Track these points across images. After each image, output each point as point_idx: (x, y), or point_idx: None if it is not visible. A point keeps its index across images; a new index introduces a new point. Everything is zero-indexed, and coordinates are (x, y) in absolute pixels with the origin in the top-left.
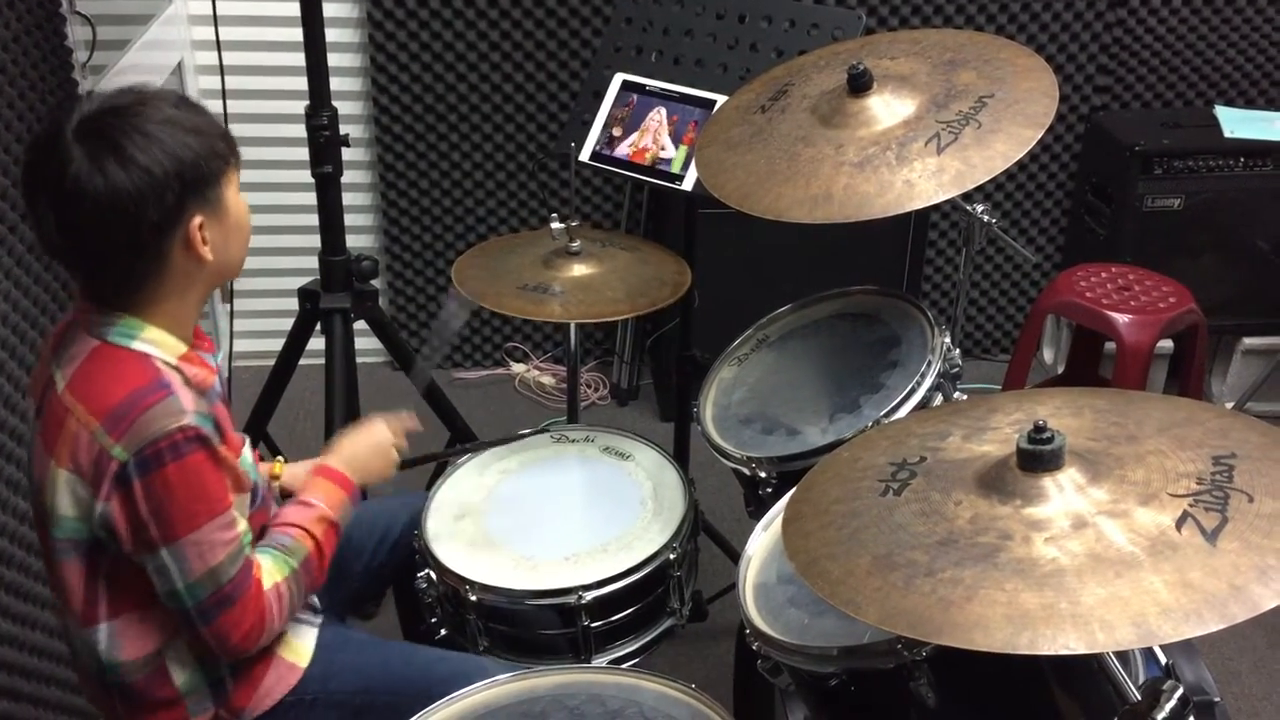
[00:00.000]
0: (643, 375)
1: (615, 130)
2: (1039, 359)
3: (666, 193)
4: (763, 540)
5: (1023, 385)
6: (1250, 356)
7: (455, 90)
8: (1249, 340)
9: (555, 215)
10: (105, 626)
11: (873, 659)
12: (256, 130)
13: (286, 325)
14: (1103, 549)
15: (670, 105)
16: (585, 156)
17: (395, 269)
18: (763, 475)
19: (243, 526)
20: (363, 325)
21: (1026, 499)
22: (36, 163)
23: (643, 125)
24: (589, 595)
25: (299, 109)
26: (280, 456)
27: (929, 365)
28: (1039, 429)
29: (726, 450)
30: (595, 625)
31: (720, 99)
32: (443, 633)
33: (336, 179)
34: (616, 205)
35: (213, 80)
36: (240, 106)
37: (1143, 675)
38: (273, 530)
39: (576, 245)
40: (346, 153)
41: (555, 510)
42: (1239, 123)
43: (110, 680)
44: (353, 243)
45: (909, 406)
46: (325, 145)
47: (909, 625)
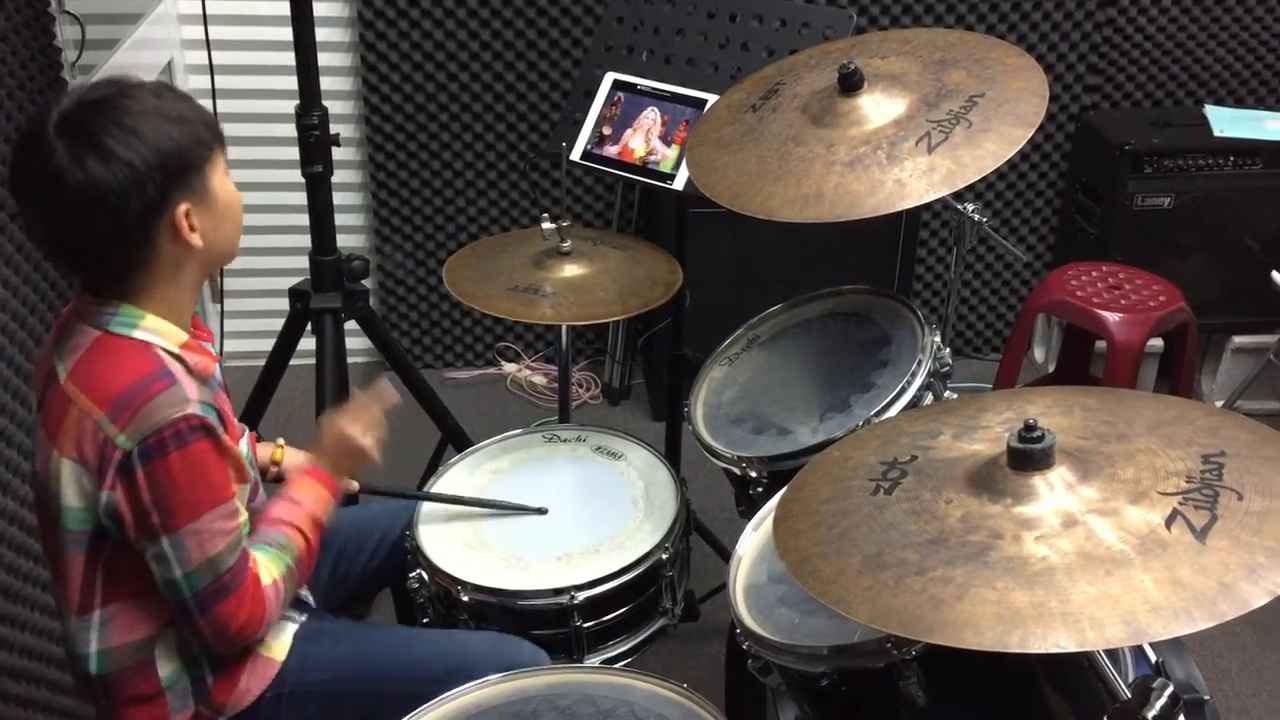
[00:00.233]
0: (634, 375)
1: (606, 129)
2: (1030, 358)
3: (658, 192)
4: (754, 540)
5: (1013, 384)
6: (1240, 355)
7: (446, 90)
8: (1239, 339)
9: (546, 215)
10: (99, 613)
11: (863, 658)
12: (246, 130)
13: (277, 325)
14: (1093, 547)
15: (661, 104)
16: (576, 156)
17: (386, 269)
18: (754, 475)
19: (244, 517)
20: (353, 325)
21: (1017, 498)
22: (21, 159)
23: (634, 124)
24: (581, 595)
25: (289, 108)
26: (281, 440)
27: (919, 364)
28: (1029, 428)
29: (717, 450)
30: (587, 625)
31: (711, 98)
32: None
33: (327, 179)
34: (608, 205)
35: (202, 80)
36: (230, 106)
37: (1133, 673)
38: (264, 526)
39: (568, 245)
40: (337, 152)
41: (547, 510)
42: (1229, 122)
43: (97, 672)
44: (343, 242)
45: (900, 405)
46: (315, 145)
47: (900, 624)
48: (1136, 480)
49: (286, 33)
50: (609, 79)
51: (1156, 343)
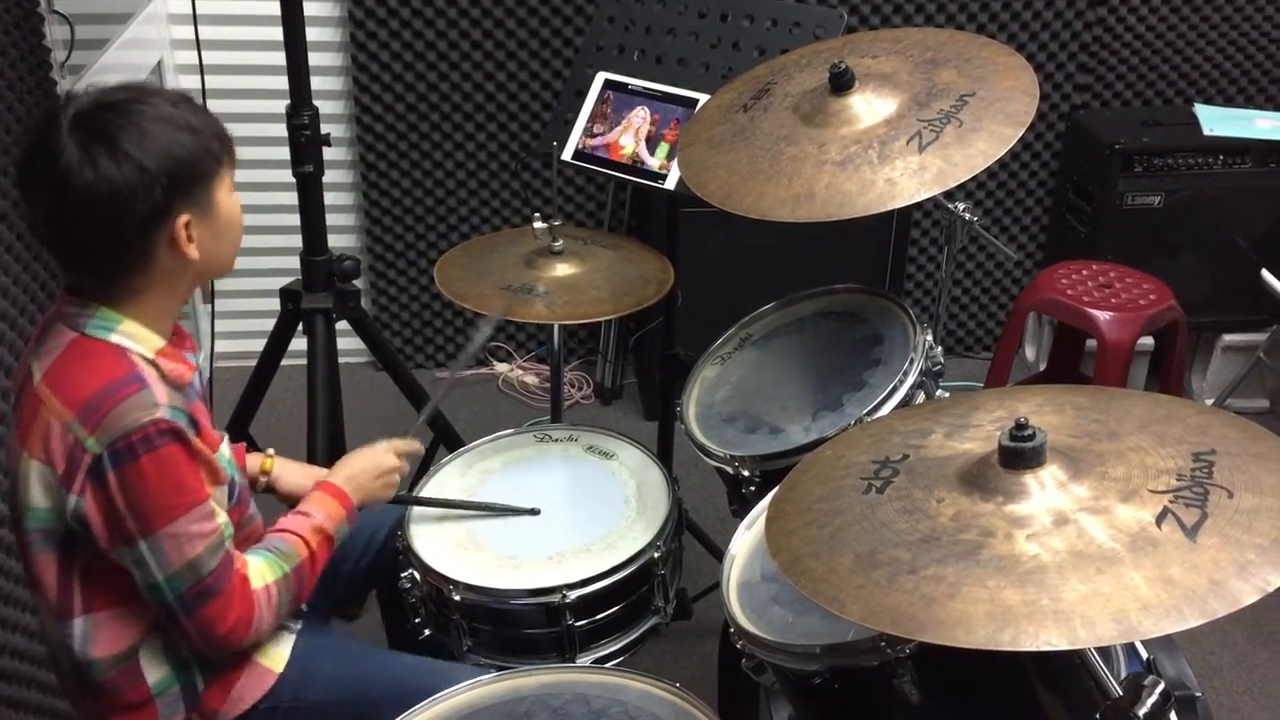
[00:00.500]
0: (626, 374)
1: (597, 127)
2: (1021, 356)
3: (649, 191)
4: (746, 539)
5: (1005, 383)
6: (1230, 353)
7: (437, 89)
8: (1229, 337)
9: (538, 214)
10: (80, 621)
11: (856, 656)
12: (237, 130)
13: (268, 326)
14: (1084, 545)
15: (653, 104)
16: (568, 155)
17: (377, 269)
18: (746, 474)
19: (222, 519)
20: (345, 325)
21: (1008, 496)
22: (31, 150)
23: (625, 123)
24: (573, 594)
25: (280, 108)
26: (270, 450)
27: (911, 363)
28: (1020, 426)
29: (710, 449)
30: (580, 624)
31: (702, 98)
32: (427, 633)
33: (318, 178)
34: (599, 204)
35: (192, 80)
36: (220, 106)
37: (1124, 671)
38: (269, 534)
39: (559, 244)
40: (328, 152)
41: (539, 509)
42: (1218, 121)
43: (84, 679)
44: (334, 242)
45: (891, 404)
46: (306, 145)
47: (892, 623)
48: (1127, 478)
49: (277, 32)
50: (600, 78)
51: (1147, 341)
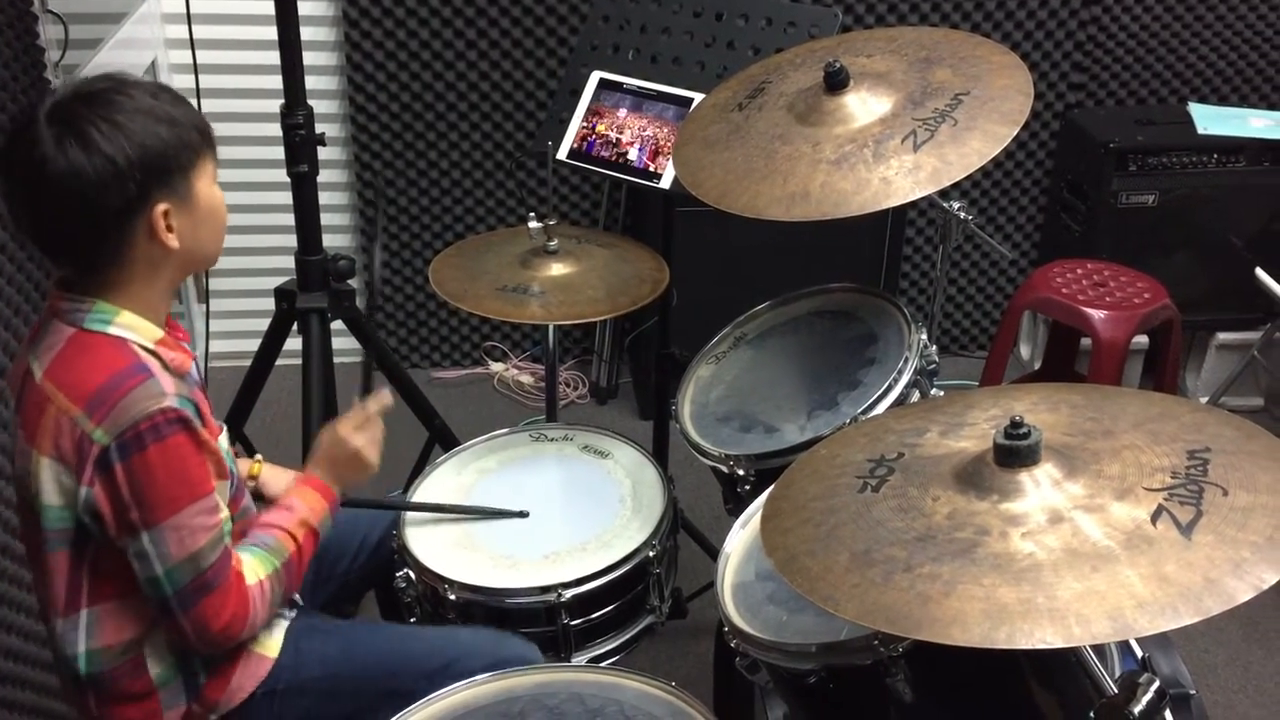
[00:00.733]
0: (621, 374)
1: (592, 127)
2: (1016, 355)
3: (644, 191)
4: (741, 537)
5: (1000, 381)
6: (1224, 351)
7: (432, 89)
8: (1223, 335)
9: (533, 214)
10: (85, 613)
11: (851, 655)
12: (231, 129)
13: (263, 325)
14: (1079, 543)
15: (648, 103)
16: (563, 155)
17: (365, 262)
18: (741, 473)
19: (225, 513)
20: (340, 325)
21: (1003, 494)
22: (11, 142)
23: (620, 123)
24: (568, 593)
25: (274, 108)
26: (258, 455)
27: (906, 362)
28: (1015, 425)
29: (705, 448)
30: (575, 623)
31: (697, 97)
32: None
33: (312, 178)
34: (594, 204)
35: (187, 79)
36: (214, 105)
37: (1119, 668)
38: (255, 530)
39: (554, 244)
40: (322, 151)
41: (534, 509)
42: (1212, 119)
43: (87, 671)
44: (329, 242)
45: (886, 403)
46: (301, 144)
47: (887, 621)
48: (1122, 476)
49: (271, 32)
50: (595, 78)
51: (1142, 339)
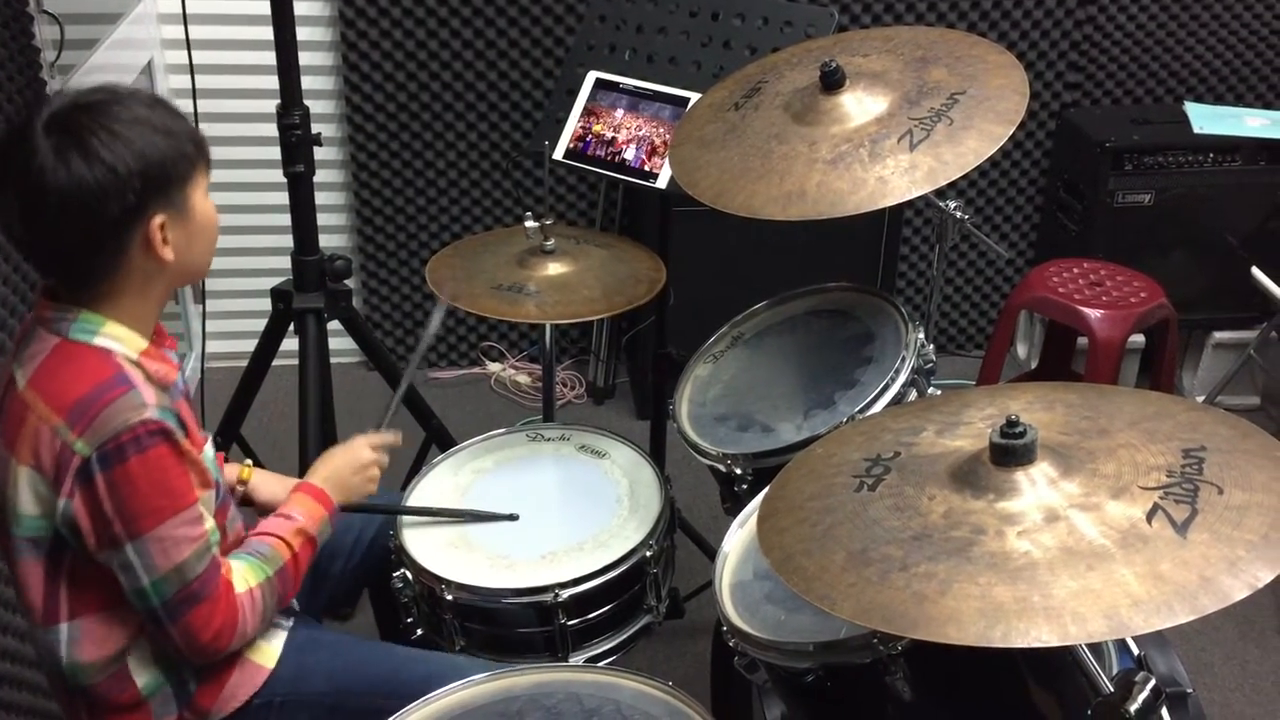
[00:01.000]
0: (619, 373)
1: (588, 126)
2: (1012, 354)
3: (641, 190)
4: (739, 537)
5: (996, 381)
6: (1221, 350)
7: (428, 89)
8: (1219, 334)
9: (530, 213)
10: (65, 627)
11: (848, 654)
12: (227, 130)
13: (259, 326)
14: (1074, 542)
15: (644, 103)
16: (559, 154)
17: (369, 269)
18: (738, 472)
19: (210, 524)
20: (336, 325)
21: (999, 493)
22: (5, 152)
23: (616, 122)
24: (565, 593)
25: (270, 108)
26: (249, 461)
27: (903, 361)
28: (1011, 423)
29: (702, 447)
30: (572, 623)
31: (694, 97)
32: (419, 632)
33: (309, 178)
34: (591, 203)
35: (183, 79)
36: (211, 106)
37: (1115, 667)
38: (250, 538)
39: (551, 244)
40: (319, 152)
41: (531, 509)
42: (1208, 119)
43: (72, 684)
44: (325, 242)
45: (883, 402)
46: (297, 144)
47: (884, 620)
48: (1118, 475)
49: (267, 32)
50: (591, 77)
51: (1138, 339)
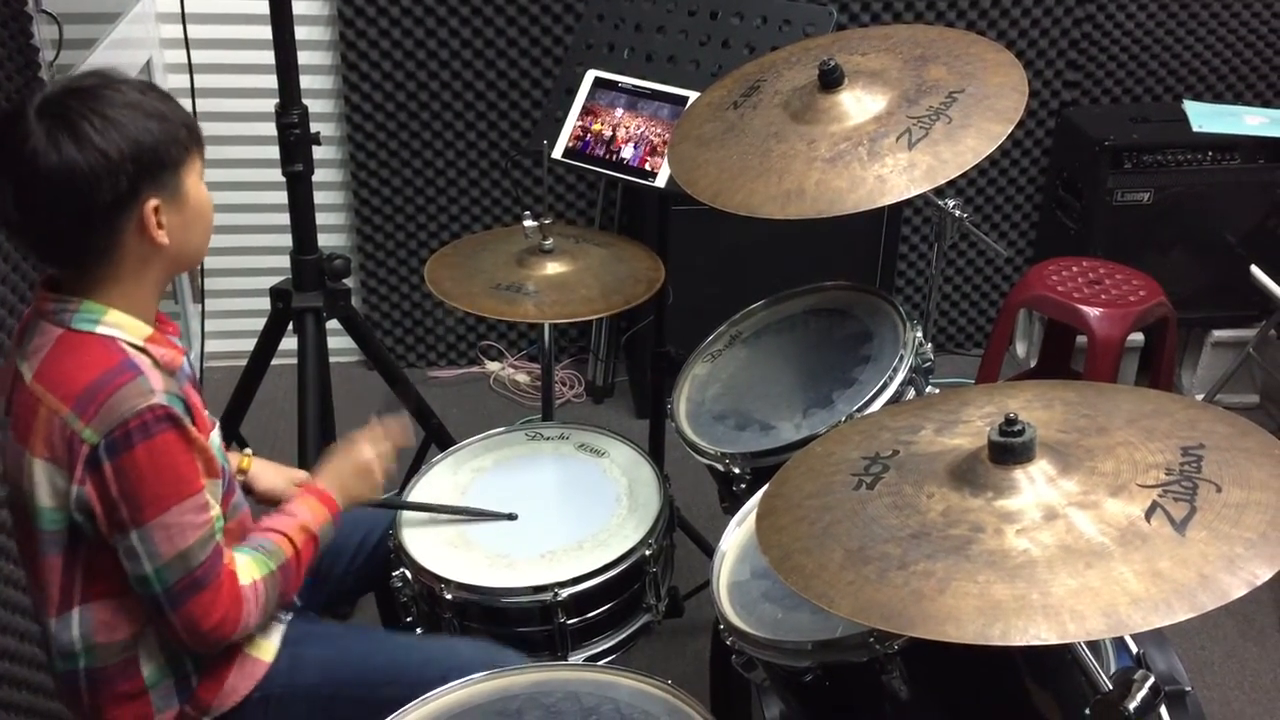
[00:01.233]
0: (618, 372)
1: (587, 125)
2: (1011, 353)
3: (640, 189)
4: (737, 536)
5: (995, 379)
6: (1220, 349)
7: (427, 88)
8: (1218, 333)
9: (528, 213)
10: (79, 610)
11: (846, 652)
12: (226, 129)
13: (258, 325)
14: (1073, 540)
15: (643, 102)
16: (558, 154)
17: (368, 268)
18: (736, 471)
19: (215, 511)
20: (335, 324)
21: (998, 491)
22: None
23: (615, 121)
24: (565, 592)
25: (269, 107)
26: (248, 449)
27: (901, 360)
28: (1010, 422)
29: (700, 446)
30: (571, 622)
31: (692, 95)
32: (419, 631)
33: (308, 177)
34: (590, 202)
35: (181, 79)
36: (209, 105)
37: (1114, 665)
38: (253, 533)
39: (550, 243)
40: (317, 151)
41: (530, 508)
42: (1207, 117)
43: (81, 668)
44: (324, 241)
45: (881, 401)
46: (296, 144)
47: (882, 618)
48: (1116, 473)
49: (266, 31)
50: (590, 76)
51: (1137, 337)
